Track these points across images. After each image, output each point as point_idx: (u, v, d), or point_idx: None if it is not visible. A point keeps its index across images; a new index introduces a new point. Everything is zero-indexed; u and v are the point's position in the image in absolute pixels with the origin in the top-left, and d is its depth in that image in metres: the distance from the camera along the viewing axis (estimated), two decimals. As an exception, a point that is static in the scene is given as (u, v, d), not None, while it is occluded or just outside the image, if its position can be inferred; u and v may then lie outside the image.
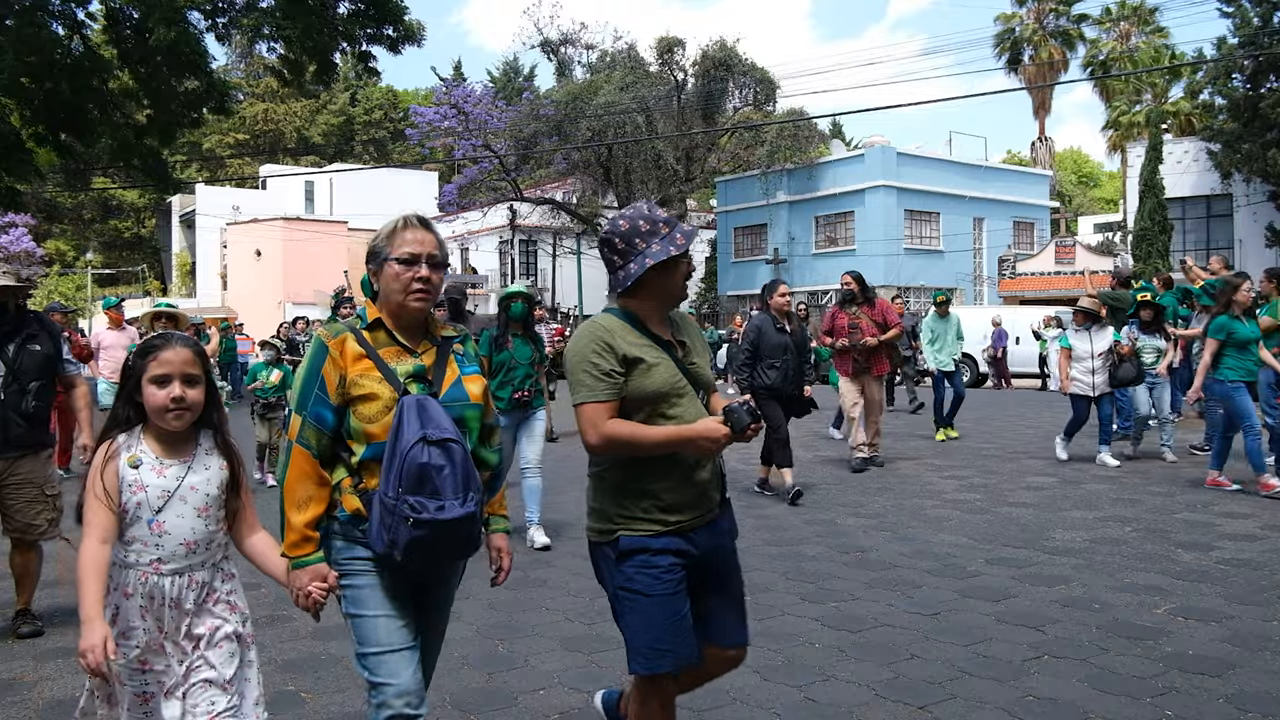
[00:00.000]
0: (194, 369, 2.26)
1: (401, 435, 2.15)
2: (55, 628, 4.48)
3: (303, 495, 2.25)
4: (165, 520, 2.23)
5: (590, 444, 2.39)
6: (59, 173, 21.90)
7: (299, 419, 2.25)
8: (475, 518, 2.19)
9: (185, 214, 45.73)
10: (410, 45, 15.26)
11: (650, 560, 2.37)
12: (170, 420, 2.23)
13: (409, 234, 2.38)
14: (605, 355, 2.37)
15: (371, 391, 2.24)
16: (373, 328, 2.33)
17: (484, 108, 30.46)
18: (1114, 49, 34.42)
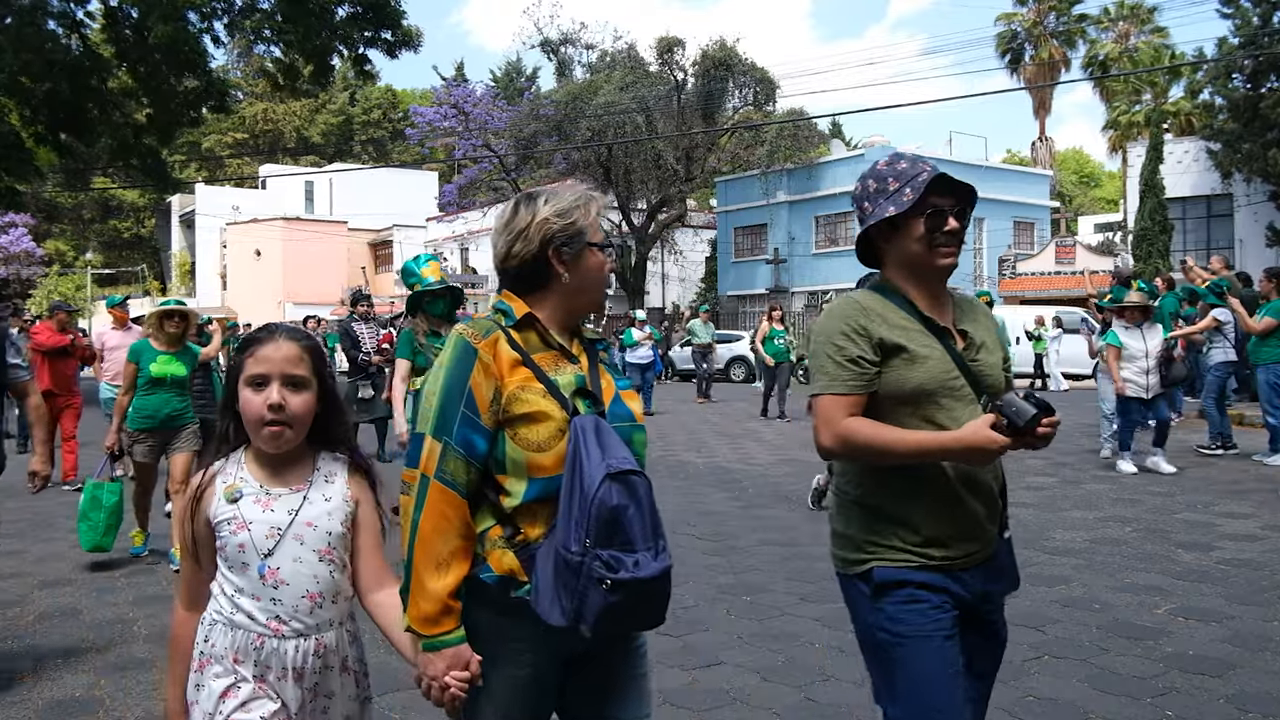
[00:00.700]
0: (299, 369, 1.78)
1: (584, 470, 1.64)
2: (54, 627, 4.48)
3: (443, 551, 1.67)
4: (280, 567, 1.75)
5: (822, 444, 1.96)
6: (59, 172, 21.91)
7: (437, 446, 1.69)
8: (670, 573, 1.69)
9: (185, 214, 45.74)
10: (407, 51, 15.29)
11: (916, 594, 1.91)
12: (265, 436, 1.75)
13: (599, 217, 1.90)
14: (855, 339, 1.94)
15: (539, 410, 1.71)
16: (522, 326, 1.81)
17: (484, 108, 30.46)
18: (1113, 49, 34.42)
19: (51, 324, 9.19)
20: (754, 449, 10.62)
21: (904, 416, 1.92)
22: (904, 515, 1.93)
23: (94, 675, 3.83)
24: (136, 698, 3.59)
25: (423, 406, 1.75)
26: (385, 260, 40.97)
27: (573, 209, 1.83)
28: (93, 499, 5.44)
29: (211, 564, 1.80)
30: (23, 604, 4.89)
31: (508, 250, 1.84)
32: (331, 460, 1.87)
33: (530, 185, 33.09)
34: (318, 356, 1.83)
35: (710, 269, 34.69)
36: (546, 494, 1.70)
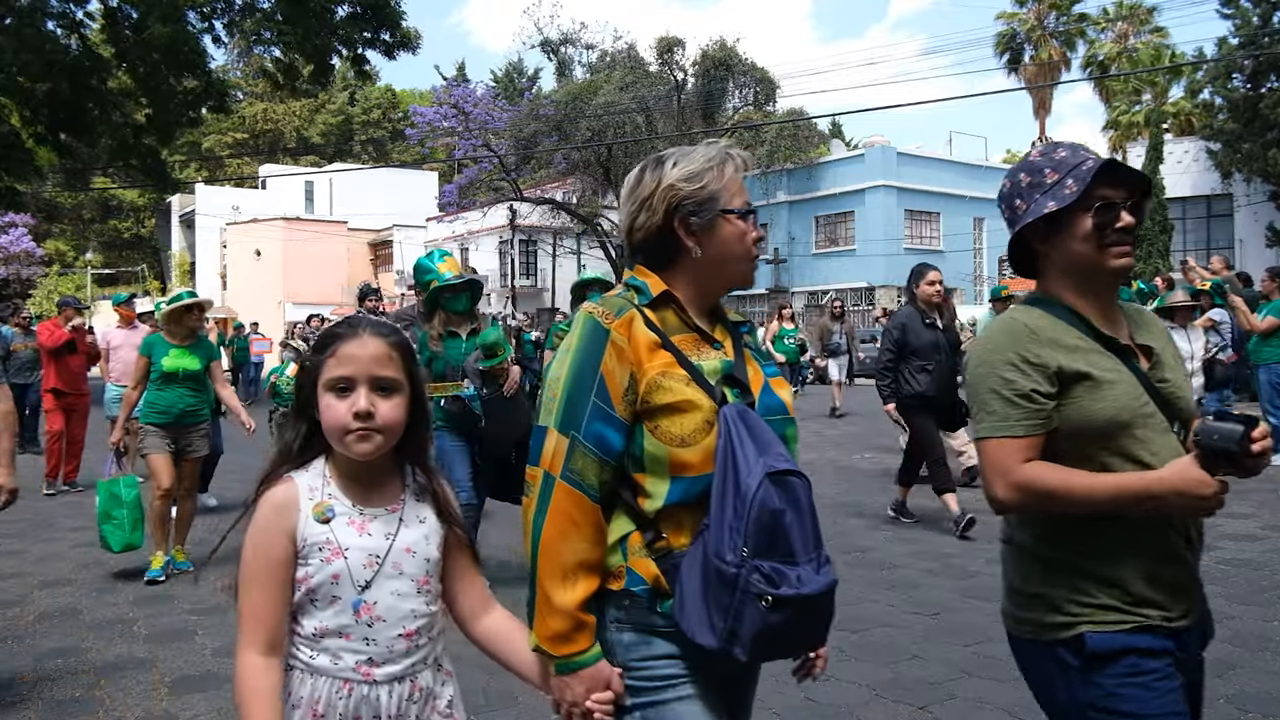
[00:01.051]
0: (389, 369, 1.51)
1: (739, 468, 1.44)
2: (54, 627, 4.48)
3: (571, 560, 1.47)
4: (377, 601, 1.50)
5: (997, 497, 1.64)
6: (59, 172, 21.94)
7: (563, 442, 1.48)
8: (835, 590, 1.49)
9: (185, 214, 45.76)
10: (405, 52, 15.30)
11: (1140, 664, 1.58)
12: (353, 441, 1.48)
13: (739, 177, 1.64)
14: (1027, 369, 1.64)
15: (683, 399, 1.50)
16: (658, 305, 1.59)
17: (484, 108, 30.45)
18: (1112, 49, 34.42)
19: (58, 320, 9.01)
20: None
21: (1091, 455, 1.62)
22: (1112, 568, 1.61)
23: (94, 675, 3.83)
24: (136, 698, 3.59)
25: (545, 396, 1.54)
26: (385, 260, 40.97)
27: (703, 171, 1.60)
28: (110, 497, 5.27)
29: (289, 596, 1.49)
30: (23, 604, 4.89)
31: (632, 221, 1.64)
32: (420, 475, 1.62)
33: (530, 185, 33.25)
34: (408, 354, 1.56)
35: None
36: (692, 495, 1.49)
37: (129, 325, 8.68)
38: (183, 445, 5.45)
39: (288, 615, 1.50)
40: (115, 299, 9.20)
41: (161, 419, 5.38)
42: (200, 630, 4.40)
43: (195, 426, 5.51)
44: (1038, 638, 1.68)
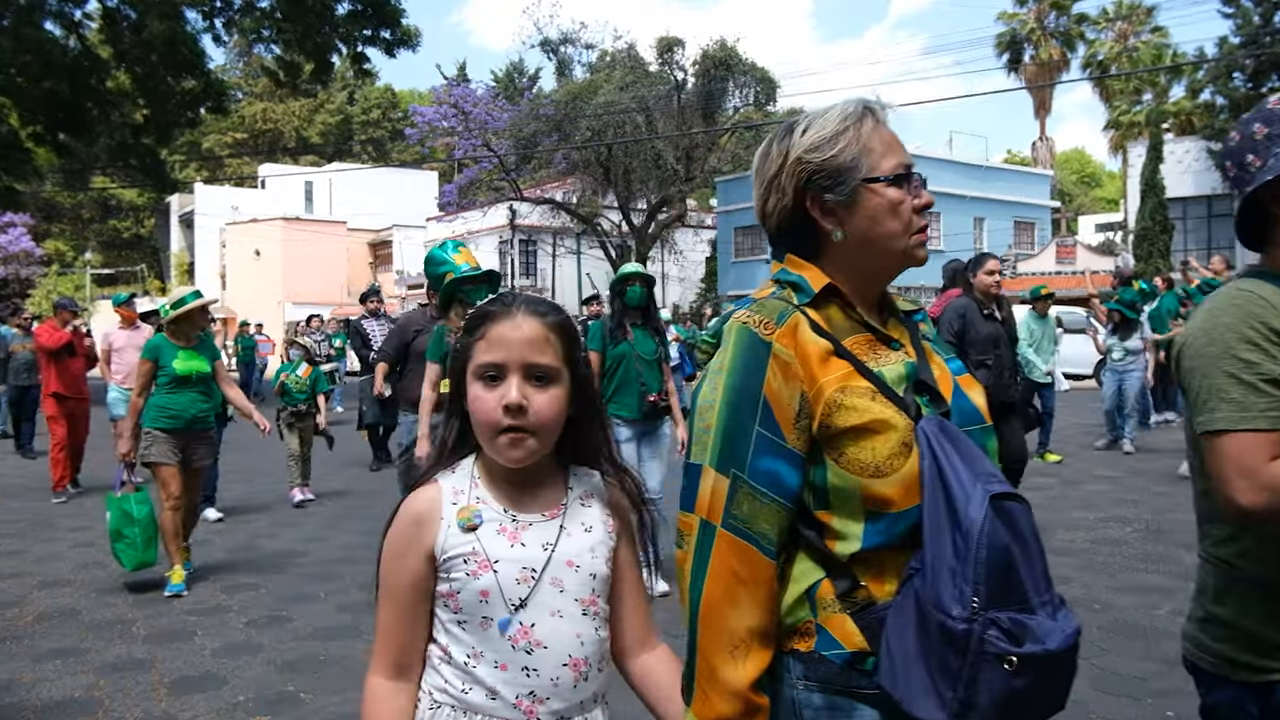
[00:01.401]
0: (546, 355, 1.29)
1: (955, 496, 1.15)
2: (53, 627, 4.48)
3: (740, 627, 1.20)
4: (535, 623, 1.28)
5: (1242, 502, 1.37)
6: (58, 172, 21.94)
7: (723, 482, 1.22)
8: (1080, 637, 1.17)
9: (184, 214, 45.77)
10: (405, 50, 15.31)
11: None
12: (502, 445, 1.27)
13: (887, 135, 1.34)
14: (1271, 348, 1.38)
15: (873, 418, 1.22)
16: (821, 302, 1.31)
17: (484, 107, 30.45)
18: (1112, 49, 34.42)
19: (54, 322, 8.79)
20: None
21: None
22: None
23: (94, 675, 3.82)
24: (136, 698, 3.58)
25: (696, 427, 1.28)
26: (385, 260, 40.97)
27: (837, 135, 1.30)
28: (122, 515, 4.99)
29: (425, 615, 1.31)
30: (23, 604, 4.89)
31: (763, 206, 1.37)
32: (585, 477, 1.39)
33: (530, 185, 33.25)
34: (570, 337, 1.33)
35: (710, 269, 34.68)
36: (895, 536, 1.21)
37: (131, 326, 8.54)
38: (189, 454, 5.20)
39: (423, 637, 1.32)
40: (115, 299, 9.02)
41: (172, 424, 5.12)
42: (200, 631, 4.40)
43: (204, 433, 5.29)
44: (1228, 675, 1.53)
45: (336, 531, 6.60)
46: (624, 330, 5.03)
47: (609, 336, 5.02)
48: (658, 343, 5.11)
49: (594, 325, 5.13)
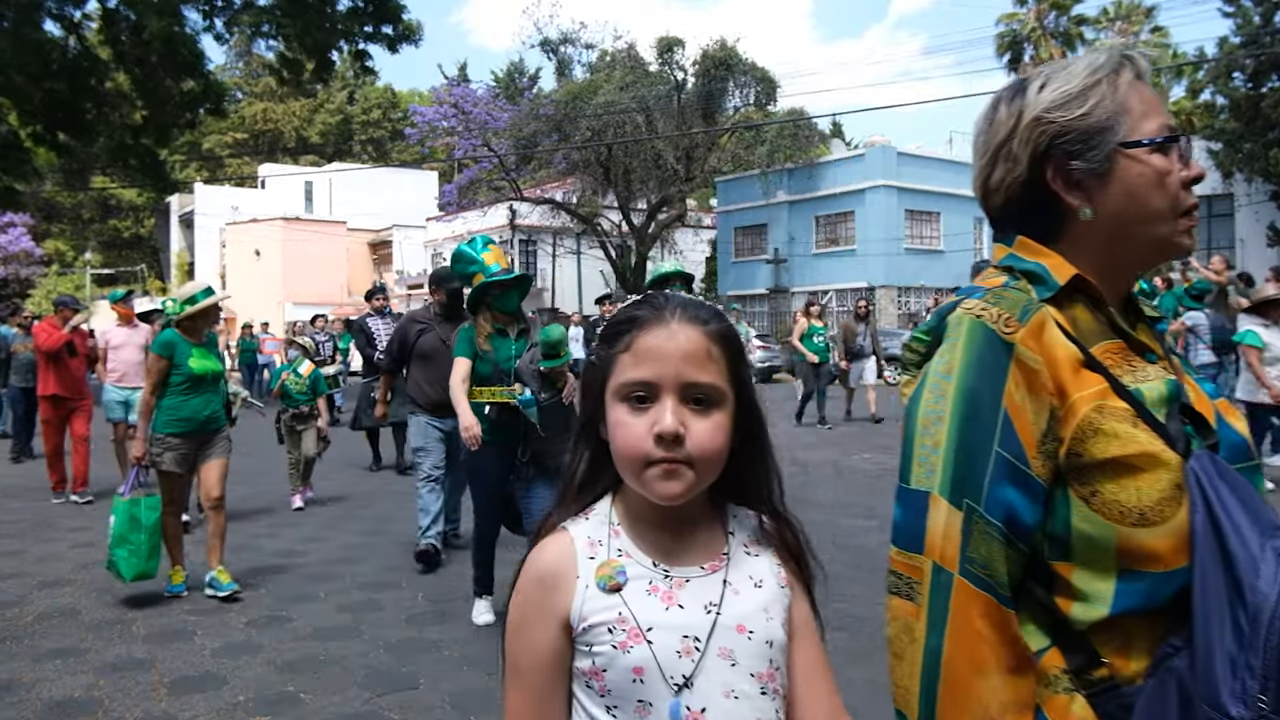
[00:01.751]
0: (707, 373, 1.03)
1: (1238, 559, 0.91)
2: (53, 627, 4.48)
3: (994, 703, 0.96)
4: (707, 708, 1.02)
5: None
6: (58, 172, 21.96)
7: (956, 517, 0.99)
8: None
9: (184, 214, 45.80)
10: (408, 45, 15.31)
11: None
12: (654, 479, 1.01)
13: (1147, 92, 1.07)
14: None
15: (1142, 451, 0.97)
16: (1063, 298, 1.06)
17: (484, 107, 30.46)
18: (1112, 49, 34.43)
19: (55, 320, 8.44)
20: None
21: None
22: None
23: (94, 675, 3.82)
24: (136, 698, 3.58)
25: (918, 444, 1.03)
26: (385, 260, 40.98)
27: (1086, 91, 1.05)
28: (130, 519, 4.72)
29: (563, 701, 1.06)
30: (22, 604, 4.89)
31: (985, 179, 1.12)
32: (745, 520, 1.13)
33: (530, 185, 33.24)
34: (735, 350, 1.07)
35: (710, 269, 34.70)
36: (1157, 601, 0.96)
37: (129, 324, 8.32)
38: (204, 453, 4.96)
39: None
40: (112, 296, 8.73)
41: (185, 427, 4.87)
42: (199, 631, 4.40)
43: (217, 432, 5.05)
44: None
45: (336, 532, 6.59)
46: None
47: None
48: None
49: None
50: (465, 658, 3.99)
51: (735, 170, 32.40)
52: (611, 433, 1.04)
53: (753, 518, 1.14)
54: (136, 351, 7.93)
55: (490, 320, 4.39)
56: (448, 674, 3.79)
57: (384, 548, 6.04)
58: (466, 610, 4.64)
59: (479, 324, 4.34)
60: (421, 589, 5.09)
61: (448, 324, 5.65)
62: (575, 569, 1.05)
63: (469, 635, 4.28)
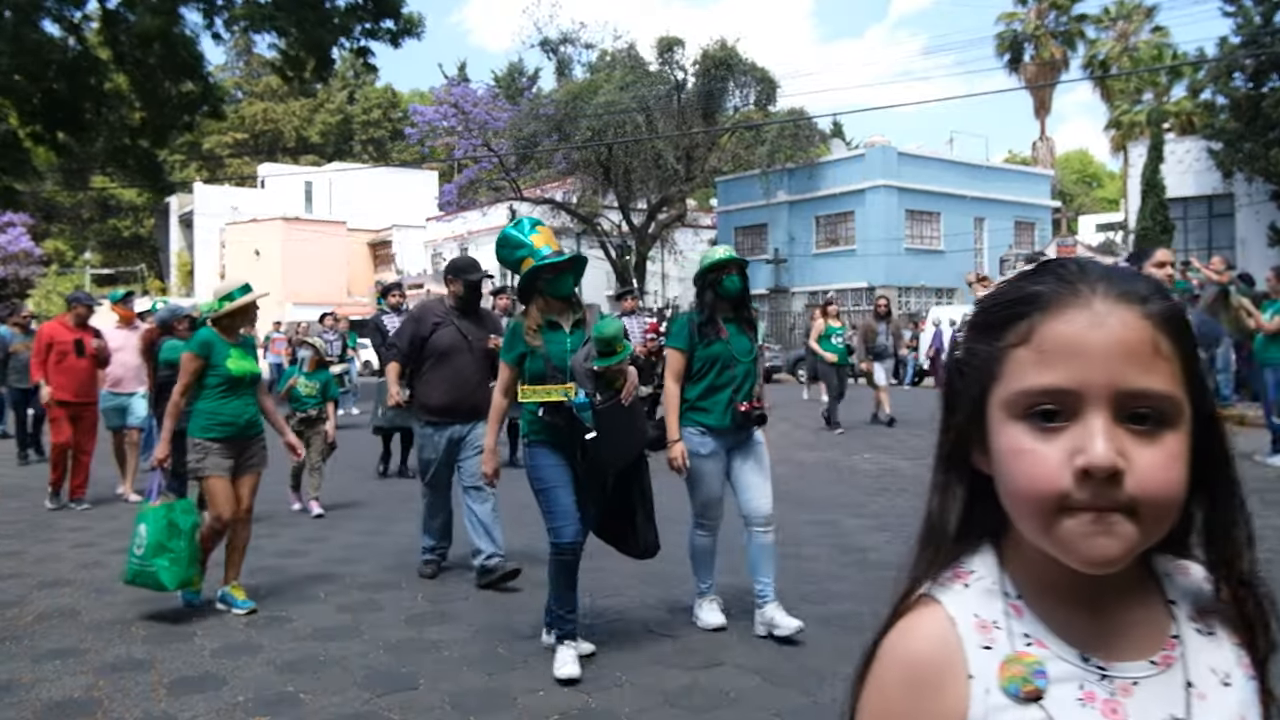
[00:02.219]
0: (1156, 376, 0.70)
1: None
2: (53, 628, 4.47)
3: None
4: None
5: None
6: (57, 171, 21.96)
7: None
8: None
9: (184, 214, 45.81)
10: (410, 38, 15.27)
11: None
12: (1077, 534, 0.69)
13: None
14: None
15: None
16: None
17: (484, 107, 30.46)
18: (1113, 48, 34.44)
19: (67, 319, 7.78)
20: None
21: None
22: None
23: (93, 675, 3.82)
24: (136, 698, 3.58)
25: None
26: (385, 260, 40.98)
27: None
28: (168, 525, 4.42)
29: None
30: (22, 604, 4.88)
31: None
32: (1180, 578, 0.80)
33: (530, 185, 33.25)
34: (1189, 341, 0.74)
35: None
36: None
37: (128, 325, 7.99)
38: (243, 460, 4.68)
39: None
40: (113, 296, 8.34)
41: (226, 432, 4.57)
42: (199, 631, 4.39)
43: (257, 438, 4.76)
44: None
45: (336, 532, 6.59)
46: (716, 327, 4.17)
47: (697, 334, 4.17)
48: (753, 340, 4.28)
49: (679, 320, 4.33)
50: (465, 658, 3.99)
51: (735, 170, 32.39)
52: (1002, 463, 0.74)
53: (1190, 570, 0.80)
54: (135, 355, 7.67)
55: (542, 310, 3.91)
56: (448, 674, 3.78)
57: (384, 548, 6.03)
58: (467, 610, 4.64)
59: (529, 315, 3.89)
60: (421, 589, 5.08)
61: (464, 319, 5.28)
62: (964, 664, 0.74)
63: (469, 635, 4.27)
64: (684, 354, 4.18)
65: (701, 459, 4.10)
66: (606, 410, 3.77)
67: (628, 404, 3.84)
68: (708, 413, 4.13)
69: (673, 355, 4.22)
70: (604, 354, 3.78)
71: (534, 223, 3.99)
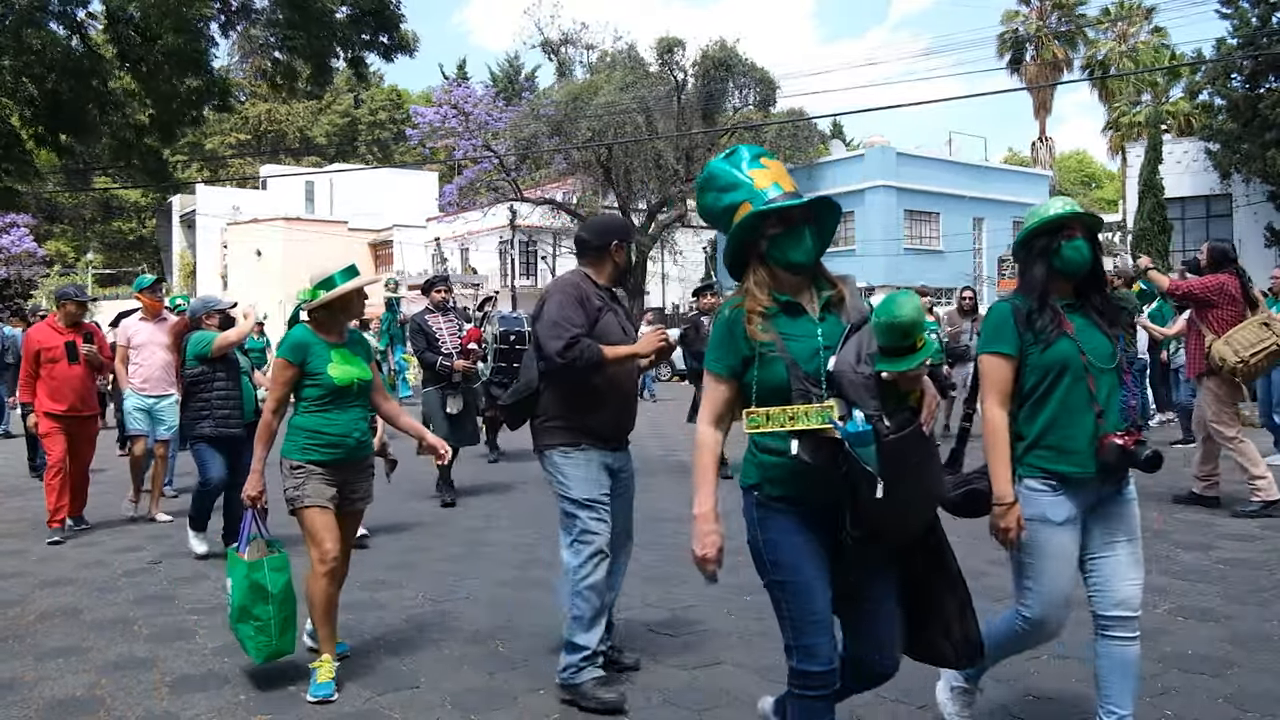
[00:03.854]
0: None
1: None
2: (55, 626, 4.49)
3: None
4: None
5: None
6: (59, 172, 21.97)
7: None
8: None
9: (185, 214, 45.85)
10: (403, 55, 15.36)
11: None
12: None
13: None
14: None
15: None
16: None
17: (484, 108, 30.50)
18: (1112, 49, 34.47)
19: (56, 319, 6.76)
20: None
21: None
22: None
23: (94, 675, 3.83)
24: (137, 697, 3.60)
25: None
26: (385, 260, 40.97)
27: None
28: (251, 588, 3.61)
29: None
30: (23, 604, 4.90)
31: None
32: None
33: (530, 185, 33.25)
34: None
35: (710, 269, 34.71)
36: None
37: (155, 317, 6.98)
38: (347, 492, 3.74)
39: None
40: (139, 283, 7.29)
41: (330, 455, 3.64)
42: (201, 630, 4.41)
43: (365, 462, 3.84)
44: None
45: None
46: (1057, 318, 2.71)
47: (1028, 328, 2.72)
48: (1113, 339, 2.76)
49: (997, 310, 2.82)
50: (465, 657, 4.00)
51: (735, 171, 32.34)
52: None
53: None
54: (164, 352, 6.81)
55: (770, 286, 2.42)
56: (448, 674, 3.80)
57: (385, 547, 6.04)
58: (467, 609, 4.66)
59: (750, 296, 2.42)
60: (422, 589, 5.09)
61: (617, 304, 3.71)
62: None
63: (469, 635, 4.29)
64: (1010, 362, 2.73)
65: (1049, 529, 2.67)
66: (900, 444, 2.26)
67: (930, 430, 2.41)
68: (1060, 454, 2.68)
69: (993, 365, 2.76)
70: (895, 351, 2.31)
71: (757, 153, 2.49)
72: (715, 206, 2.50)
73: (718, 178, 2.48)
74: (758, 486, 2.43)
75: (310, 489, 3.61)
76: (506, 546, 6.02)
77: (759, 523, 2.43)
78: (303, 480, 3.61)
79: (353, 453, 3.71)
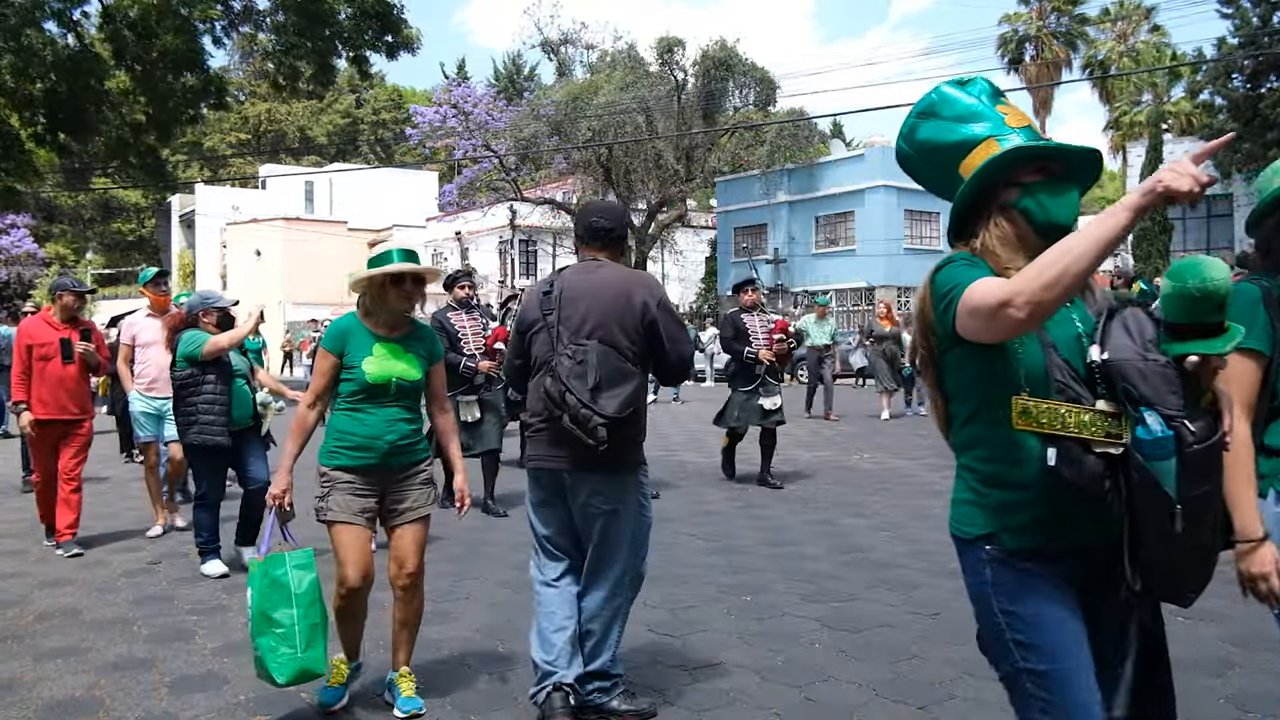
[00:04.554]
0: None
1: None
2: (54, 627, 4.48)
3: None
4: None
5: None
6: (58, 172, 21.99)
7: None
8: None
9: (185, 214, 45.85)
10: (405, 53, 15.44)
11: None
12: None
13: None
14: None
15: None
16: None
17: (484, 107, 30.50)
18: (1112, 49, 34.46)
19: (51, 313, 6.21)
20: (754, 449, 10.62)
21: None
22: None
23: (94, 675, 3.83)
24: (136, 697, 3.59)
25: None
26: (385, 260, 40.91)
27: None
28: (270, 587, 3.16)
29: None
30: (23, 604, 4.89)
31: None
32: None
33: (530, 185, 33.25)
34: None
35: (710, 269, 34.72)
36: None
37: (163, 313, 6.53)
38: (393, 502, 3.35)
39: None
40: (143, 276, 6.81)
41: (358, 459, 3.25)
42: (201, 630, 4.40)
43: (413, 468, 3.38)
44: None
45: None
46: None
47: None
48: None
49: (1245, 290, 2.25)
50: (465, 657, 4.00)
51: (735, 170, 32.39)
52: None
53: None
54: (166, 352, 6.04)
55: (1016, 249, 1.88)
56: (448, 673, 3.79)
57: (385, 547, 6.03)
58: (467, 610, 4.65)
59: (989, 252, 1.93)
60: (422, 589, 5.08)
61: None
62: None
63: (469, 635, 4.28)
64: (1262, 362, 2.11)
65: None
66: (1207, 456, 1.64)
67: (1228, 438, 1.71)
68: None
69: (1239, 366, 2.06)
70: (1200, 330, 1.67)
71: (997, 90, 2.05)
72: (941, 139, 2.01)
73: (952, 103, 1.98)
74: (992, 538, 1.79)
75: (334, 501, 3.23)
76: (506, 546, 6.01)
77: (1005, 592, 1.78)
78: (327, 491, 3.25)
79: (386, 459, 3.27)
